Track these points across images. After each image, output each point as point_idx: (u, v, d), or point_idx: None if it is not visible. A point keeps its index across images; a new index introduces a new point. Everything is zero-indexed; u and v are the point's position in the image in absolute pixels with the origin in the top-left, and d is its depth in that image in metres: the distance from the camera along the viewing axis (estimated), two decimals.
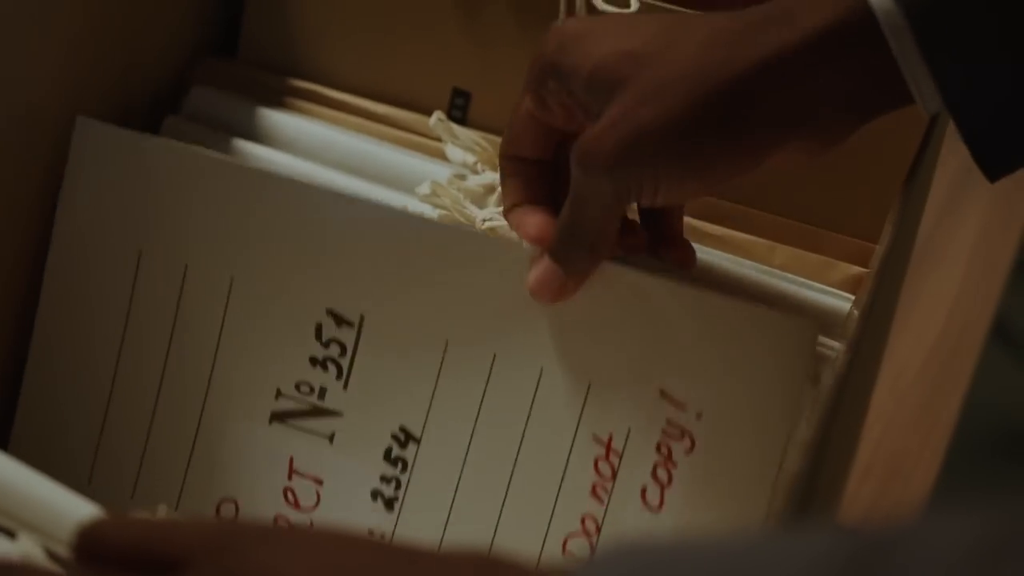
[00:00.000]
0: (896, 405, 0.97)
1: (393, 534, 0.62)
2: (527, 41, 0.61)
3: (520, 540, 0.61)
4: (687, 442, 0.59)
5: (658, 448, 0.60)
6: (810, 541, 0.34)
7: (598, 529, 0.60)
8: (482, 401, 0.62)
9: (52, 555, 0.45)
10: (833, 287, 0.64)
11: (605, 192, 0.57)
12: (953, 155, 1.04)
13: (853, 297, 0.63)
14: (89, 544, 0.43)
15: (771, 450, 0.58)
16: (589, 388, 0.61)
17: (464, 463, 0.62)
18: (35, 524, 0.45)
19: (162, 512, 0.44)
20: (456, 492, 0.62)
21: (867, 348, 0.64)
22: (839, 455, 0.70)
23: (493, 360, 0.62)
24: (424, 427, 0.63)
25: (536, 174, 0.62)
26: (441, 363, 0.62)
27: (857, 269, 0.66)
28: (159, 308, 0.64)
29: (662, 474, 0.60)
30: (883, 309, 0.68)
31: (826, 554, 0.33)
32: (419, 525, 0.62)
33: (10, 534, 0.45)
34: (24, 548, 0.45)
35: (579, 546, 0.60)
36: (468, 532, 0.61)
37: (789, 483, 0.43)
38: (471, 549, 0.39)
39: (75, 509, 0.45)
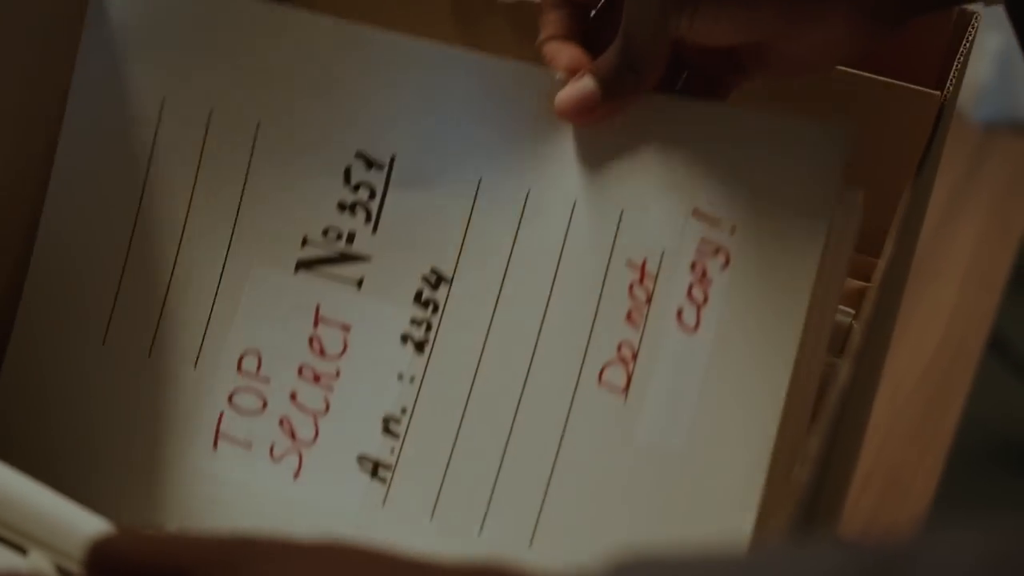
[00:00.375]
0: (895, 417, 0.97)
1: (424, 376, 0.60)
2: (526, 58, 0.61)
3: (554, 376, 0.59)
4: (722, 258, 0.58)
5: (692, 267, 0.58)
6: (821, 556, 0.34)
7: (634, 356, 0.58)
8: (515, 238, 0.61)
9: (63, 571, 0.45)
10: None
11: (652, 6, 0.57)
12: (950, 168, 1.04)
13: (852, 311, 0.63)
14: (99, 560, 0.43)
15: (806, 259, 0.57)
16: (622, 215, 0.59)
17: (497, 300, 0.60)
18: (45, 540, 0.45)
19: (171, 527, 0.44)
20: (489, 331, 0.60)
21: (868, 360, 0.64)
22: (840, 466, 0.70)
23: (527, 196, 0.61)
24: (456, 268, 0.61)
25: (579, 17, 0.62)
26: (474, 202, 0.61)
27: (856, 283, 0.66)
28: (182, 155, 0.63)
29: (697, 293, 0.58)
30: (883, 322, 0.68)
31: (838, 569, 0.33)
32: (451, 366, 0.60)
33: (21, 550, 0.46)
34: (35, 563, 0.45)
35: (616, 374, 0.58)
36: (500, 373, 0.60)
37: (797, 494, 0.43)
38: (483, 561, 0.40)
39: (85, 525, 0.45)
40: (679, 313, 0.58)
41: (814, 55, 0.58)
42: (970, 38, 0.67)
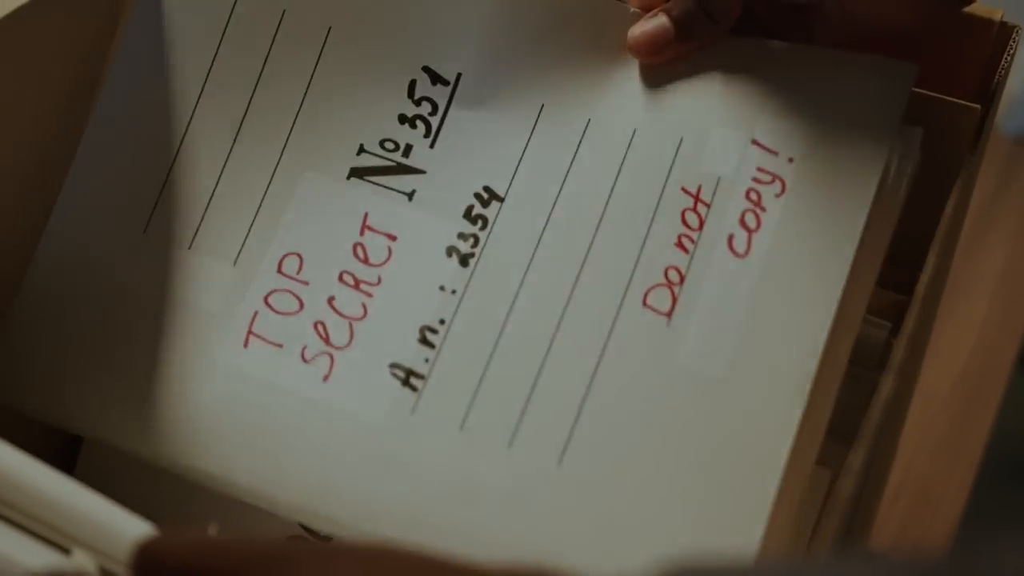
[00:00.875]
0: (925, 431, 0.97)
1: (466, 289, 0.60)
2: None
3: (598, 297, 0.58)
4: (778, 186, 0.58)
5: (747, 195, 0.58)
6: (868, 570, 0.34)
7: (682, 280, 0.58)
8: (572, 163, 0.61)
9: (106, 572, 0.45)
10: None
11: None
12: (981, 181, 1.04)
13: (888, 324, 0.63)
14: (145, 562, 0.43)
15: (862, 192, 0.57)
16: (680, 142, 0.60)
17: (547, 221, 0.60)
18: (89, 541, 0.45)
19: (214, 530, 0.44)
20: (536, 250, 0.60)
21: (907, 373, 0.64)
22: (874, 479, 0.70)
23: (587, 125, 0.61)
24: (509, 187, 0.61)
25: None
26: (534, 126, 0.61)
27: (892, 296, 0.66)
28: (249, 52, 0.63)
29: (750, 220, 0.58)
30: (921, 335, 0.68)
31: None
32: (494, 281, 0.60)
33: (65, 551, 0.46)
34: (78, 563, 0.45)
35: (661, 297, 0.58)
36: (543, 290, 0.59)
37: (841, 507, 0.43)
38: (529, 564, 0.40)
39: (129, 527, 0.45)
40: (730, 239, 0.58)
41: (878, 17, 0.59)
42: (1011, 52, 0.67)
